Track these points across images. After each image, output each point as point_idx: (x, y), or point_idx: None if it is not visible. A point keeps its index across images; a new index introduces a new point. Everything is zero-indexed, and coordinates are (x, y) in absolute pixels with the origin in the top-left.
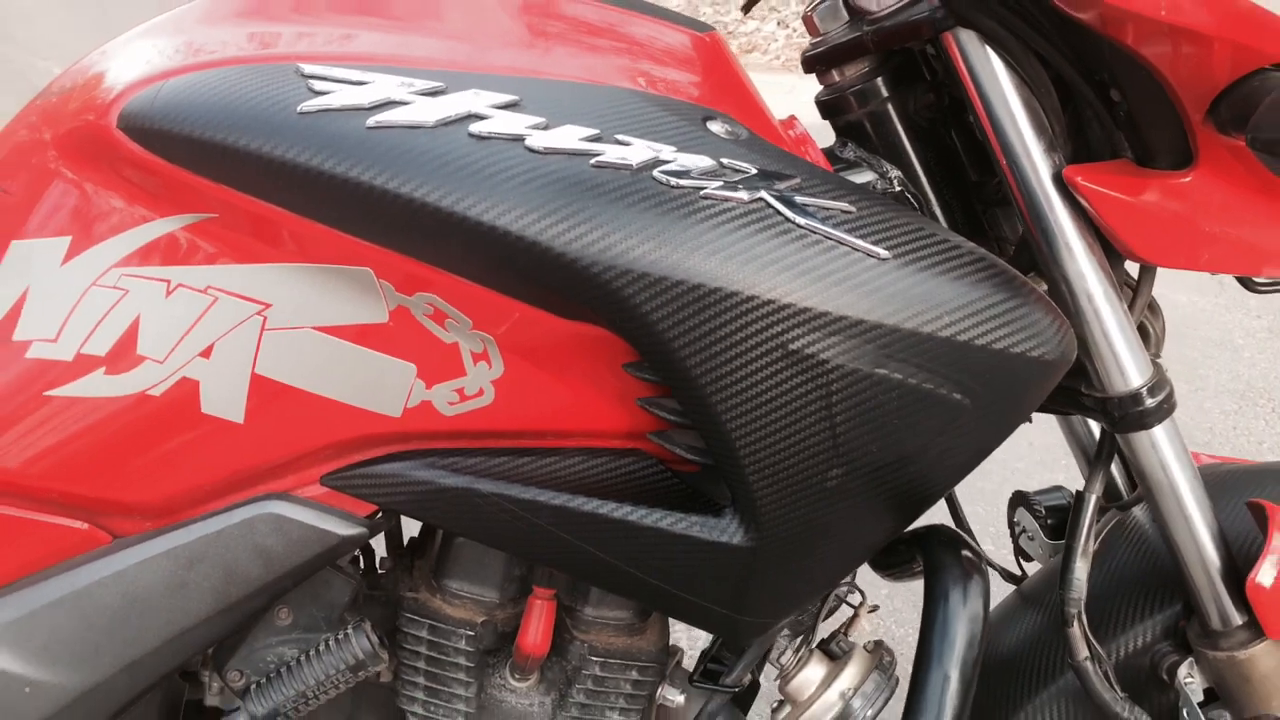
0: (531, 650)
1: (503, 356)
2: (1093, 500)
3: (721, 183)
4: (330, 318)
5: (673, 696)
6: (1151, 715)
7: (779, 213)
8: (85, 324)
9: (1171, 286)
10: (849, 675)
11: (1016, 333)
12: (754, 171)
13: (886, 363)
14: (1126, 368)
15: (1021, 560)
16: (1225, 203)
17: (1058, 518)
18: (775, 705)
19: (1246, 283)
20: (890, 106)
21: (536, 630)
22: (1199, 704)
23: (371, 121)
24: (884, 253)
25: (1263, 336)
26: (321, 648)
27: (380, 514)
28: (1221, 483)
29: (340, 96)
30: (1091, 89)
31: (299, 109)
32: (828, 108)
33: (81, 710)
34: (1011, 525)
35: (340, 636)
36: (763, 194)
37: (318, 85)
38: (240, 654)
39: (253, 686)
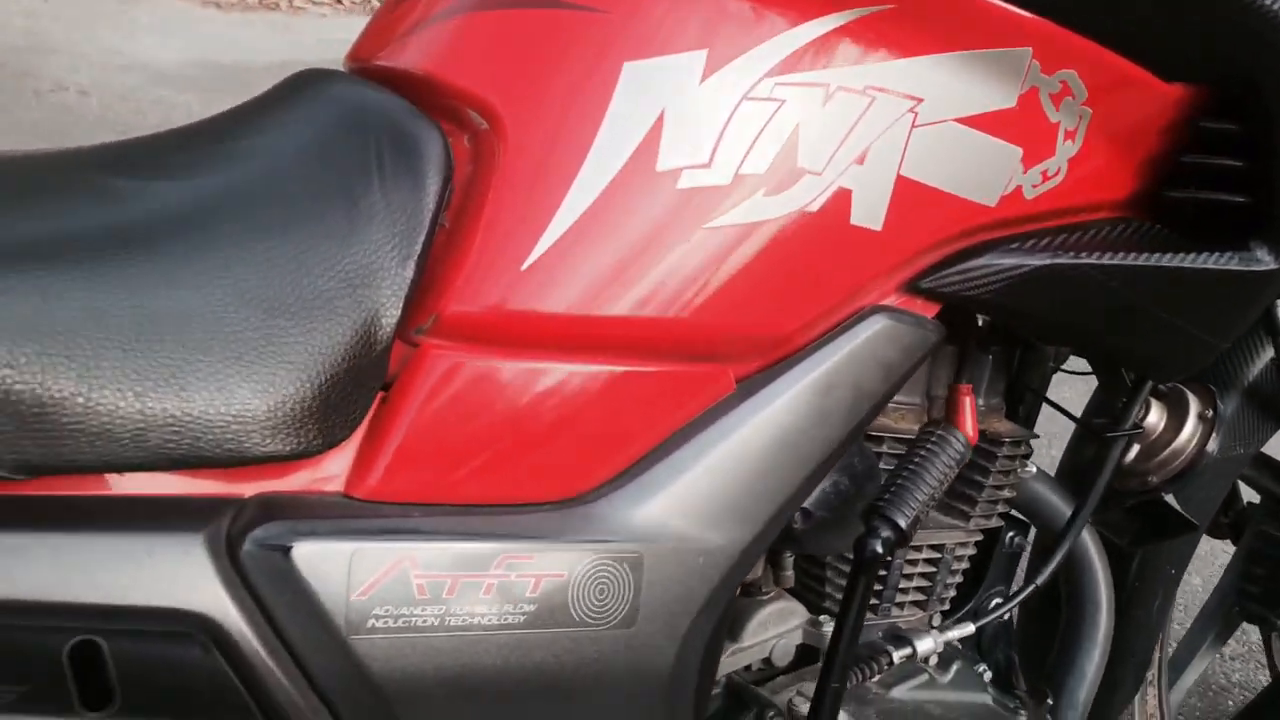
0: (971, 440)
1: (1086, 134)
2: None
3: None
4: (969, 107)
5: (1029, 469)
6: None
7: None
8: (740, 142)
9: None
10: (1195, 403)
11: None
12: None
13: None
14: None
15: None
16: None
17: None
18: (1135, 453)
19: None
20: None
21: (969, 419)
22: None
23: None
24: None
25: None
26: (923, 454)
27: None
28: None
29: None
30: None
31: None
32: None
33: (735, 572)
34: None
35: (936, 438)
36: None
37: None
38: None
39: (881, 504)
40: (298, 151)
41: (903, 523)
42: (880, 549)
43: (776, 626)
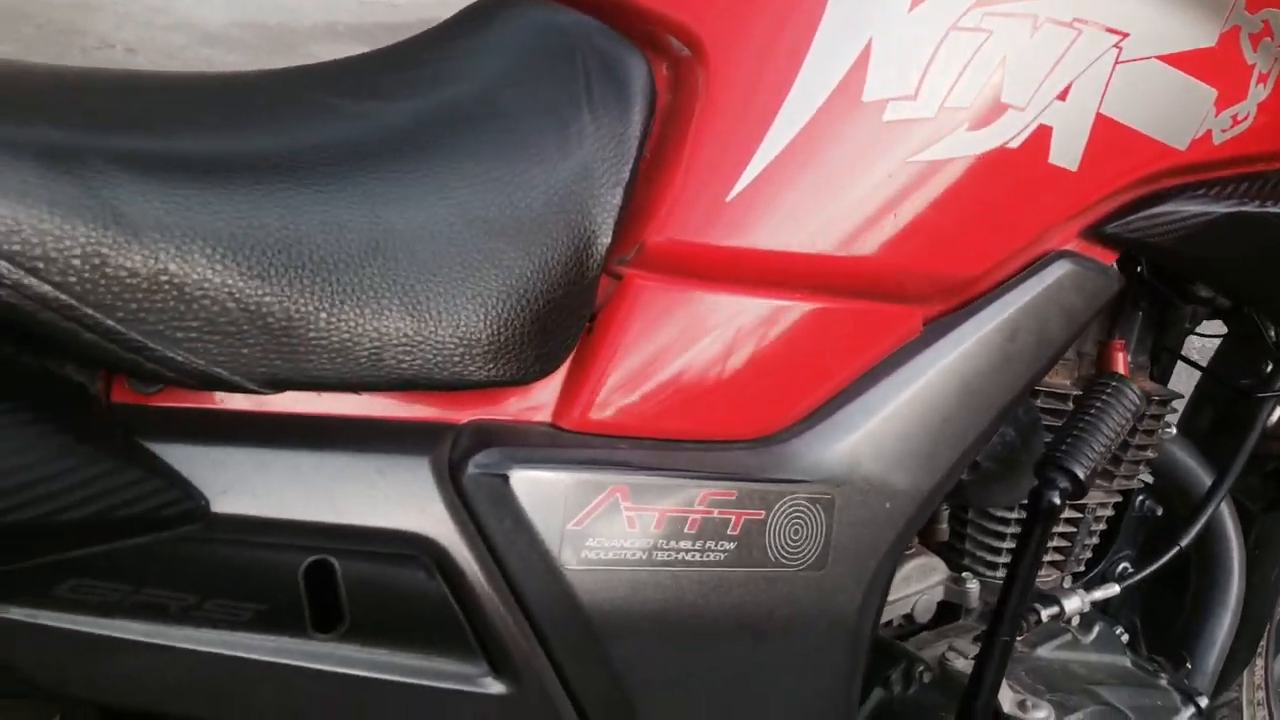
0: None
1: (1278, 78)
2: None
3: None
4: (1171, 45)
5: (1170, 429)
6: None
7: None
8: (947, 74)
9: None
10: None
11: None
12: None
13: None
14: None
15: None
16: None
17: None
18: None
19: None
20: None
21: (1123, 364)
22: None
23: None
24: None
25: None
26: (1098, 405)
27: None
28: None
29: None
30: None
31: None
32: None
33: (917, 518)
34: None
35: (1110, 390)
36: None
37: None
38: None
39: (1058, 455)
40: (504, 74)
41: (1081, 474)
42: (1057, 500)
43: (919, 582)
